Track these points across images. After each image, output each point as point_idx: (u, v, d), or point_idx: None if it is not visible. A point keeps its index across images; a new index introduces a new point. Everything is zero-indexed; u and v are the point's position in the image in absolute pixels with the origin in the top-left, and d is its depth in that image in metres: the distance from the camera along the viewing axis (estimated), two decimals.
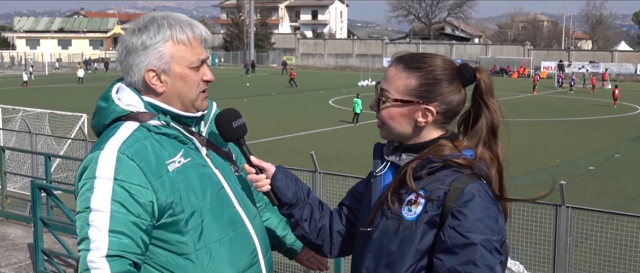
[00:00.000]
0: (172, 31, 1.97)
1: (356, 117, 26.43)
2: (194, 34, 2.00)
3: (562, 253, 6.38)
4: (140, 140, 1.93)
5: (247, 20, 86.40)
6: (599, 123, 29.03)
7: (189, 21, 2.02)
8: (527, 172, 16.14)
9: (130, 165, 1.88)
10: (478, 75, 1.89)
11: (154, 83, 1.99)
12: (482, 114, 1.88)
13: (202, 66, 2.03)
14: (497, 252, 1.74)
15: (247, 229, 2.08)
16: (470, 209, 1.74)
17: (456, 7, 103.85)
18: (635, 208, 13.03)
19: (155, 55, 1.97)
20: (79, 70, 52.03)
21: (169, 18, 2.00)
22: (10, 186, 11.62)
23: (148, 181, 1.89)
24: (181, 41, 1.98)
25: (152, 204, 1.89)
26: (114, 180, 1.86)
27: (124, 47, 2.00)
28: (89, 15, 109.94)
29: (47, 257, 7.06)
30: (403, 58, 1.91)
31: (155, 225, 1.92)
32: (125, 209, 1.85)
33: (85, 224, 1.84)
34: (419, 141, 1.91)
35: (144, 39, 1.96)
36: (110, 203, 1.84)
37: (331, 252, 2.17)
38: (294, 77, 49.63)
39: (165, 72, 1.98)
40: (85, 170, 1.91)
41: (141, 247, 1.87)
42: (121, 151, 1.89)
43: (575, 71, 61.31)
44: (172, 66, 1.98)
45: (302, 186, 2.16)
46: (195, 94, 2.02)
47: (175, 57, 1.98)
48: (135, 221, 1.85)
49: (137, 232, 1.86)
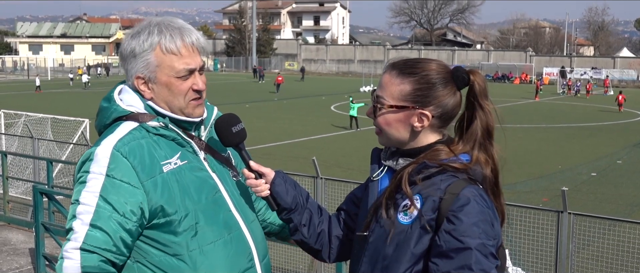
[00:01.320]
0: (160, 39, 1.98)
1: (353, 120, 26.24)
2: (184, 42, 2.00)
3: (564, 260, 6.37)
4: (136, 139, 1.96)
5: (249, 25, 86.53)
6: (601, 129, 28.99)
7: (181, 29, 2.01)
8: (529, 178, 16.13)
9: (124, 163, 1.91)
10: (472, 77, 1.89)
11: (143, 89, 2.03)
12: (476, 116, 1.89)
13: (192, 75, 2.03)
14: (492, 256, 1.74)
15: (243, 233, 2.08)
16: (465, 213, 1.75)
17: (458, 13, 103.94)
18: (637, 215, 13.02)
19: (143, 63, 2.00)
20: (83, 76, 52.15)
21: (161, 25, 2.01)
22: (12, 191, 11.63)
23: (140, 181, 1.91)
24: (169, 49, 1.99)
25: (141, 203, 1.91)
26: (105, 176, 1.89)
27: (120, 52, 2.08)
28: (92, 20, 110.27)
29: (49, 262, 7.06)
30: (396, 64, 1.92)
31: (148, 225, 1.93)
32: (110, 206, 1.87)
33: (72, 215, 1.89)
34: (415, 145, 1.92)
35: (134, 46, 2.00)
36: (97, 198, 1.87)
37: (330, 256, 2.18)
38: (280, 83, 47.68)
39: (152, 80, 2.01)
40: (82, 164, 1.96)
41: (119, 246, 1.88)
42: (116, 148, 1.92)
43: (578, 77, 61.25)
44: (158, 75, 2.00)
45: (301, 191, 2.16)
46: (183, 103, 2.03)
47: (161, 66, 1.99)
48: (119, 220, 1.87)
49: (118, 231, 1.87)
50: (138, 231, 1.92)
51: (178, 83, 2.01)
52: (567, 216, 6.24)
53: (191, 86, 2.02)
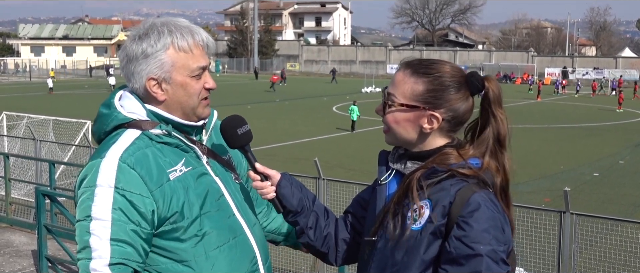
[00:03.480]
0: (172, 38, 1.94)
1: (353, 124, 26.30)
2: (195, 41, 1.97)
3: (566, 260, 6.36)
4: (141, 149, 1.92)
5: (251, 27, 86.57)
6: (603, 129, 28.97)
7: (190, 27, 1.99)
8: (531, 178, 16.11)
9: (131, 174, 1.87)
10: (487, 84, 1.87)
11: (155, 91, 1.97)
12: (489, 123, 1.87)
13: (203, 74, 2.01)
14: (503, 262, 1.72)
15: (247, 236, 2.08)
16: (476, 219, 1.72)
17: (460, 14, 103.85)
18: (639, 215, 12.99)
19: (156, 63, 1.95)
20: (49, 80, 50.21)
21: (169, 24, 1.97)
22: (15, 193, 11.63)
23: (149, 190, 1.88)
24: (182, 48, 1.95)
25: (152, 213, 1.88)
26: (114, 189, 1.84)
27: (125, 55, 1.98)
28: (93, 22, 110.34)
29: (51, 264, 7.07)
30: (411, 63, 1.90)
31: (155, 233, 1.91)
32: (126, 217, 1.84)
33: (86, 232, 1.83)
34: (424, 148, 1.90)
35: (145, 47, 1.94)
36: (111, 212, 1.83)
37: (337, 260, 2.16)
38: (274, 82, 50.71)
39: (166, 81, 1.96)
40: (85, 178, 1.89)
41: (142, 255, 1.87)
42: (122, 159, 1.88)
43: (579, 77, 61.19)
44: (173, 75, 1.96)
45: (307, 193, 2.14)
46: (197, 102, 2.01)
47: (176, 65, 1.95)
48: (135, 230, 1.85)
49: (138, 240, 1.85)
50: (151, 239, 1.90)
51: (193, 83, 1.98)
52: (570, 217, 6.23)
53: (203, 85, 2.01)
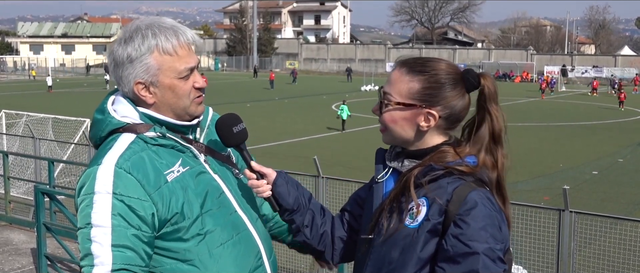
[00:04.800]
0: (157, 41, 1.93)
1: (343, 123, 26.17)
2: (180, 42, 1.96)
3: (565, 258, 6.36)
4: (137, 153, 1.91)
5: (250, 25, 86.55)
6: (603, 127, 28.97)
7: (174, 28, 1.97)
8: (530, 177, 16.11)
9: (129, 179, 1.87)
10: (482, 81, 1.87)
11: (144, 95, 1.97)
12: (485, 120, 1.87)
13: (192, 74, 2.00)
14: (500, 260, 1.72)
15: (250, 232, 2.07)
16: (473, 217, 1.72)
17: (459, 12, 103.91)
18: (639, 213, 13.01)
19: (142, 68, 1.94)
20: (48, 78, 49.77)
21: (153, 27, 1.96)
22: (14, 191, 11.62)
23: (147, 193, 1.88)
24: (167, 51, 1.94)
25: (152, 216, 1.88)
26: (112, 195, 1.85)
27: (112, 60, 1.98)
28: (93, 20, 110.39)
29: (50, 262, 7.07)
30: (406, 62, 1.90)
31: (157, 235, 1.91)
32: (126, 222, 1.84)
33: (87, 240, 1.83)
34: (421, 146, 1.90)
35: (130, 52, 1.94)
36: (110, 218, 1.83)
37: (333, 258, 2.16)
38: (273, 80, 52.00)
39: (154, 84, 1.96)
40: (83, 186, 1.90)
41: (144, 258, 1.87)
42: (118, 165, 1.87)
43: (578, 75, 61.24)
44: (160, 78, 1.96)
45: (303, 191, 2.14)
46: (188, 103, 2.00)
47: (162, 68, 1.95)
48: (136, 234, 1.85)
49: (139, 244, 1.86)
50: (153, 242, 1.91)
51: (181, 84, 1.97)
52: (569, 215, 6.23)
53: (193, 85, 2.00)
